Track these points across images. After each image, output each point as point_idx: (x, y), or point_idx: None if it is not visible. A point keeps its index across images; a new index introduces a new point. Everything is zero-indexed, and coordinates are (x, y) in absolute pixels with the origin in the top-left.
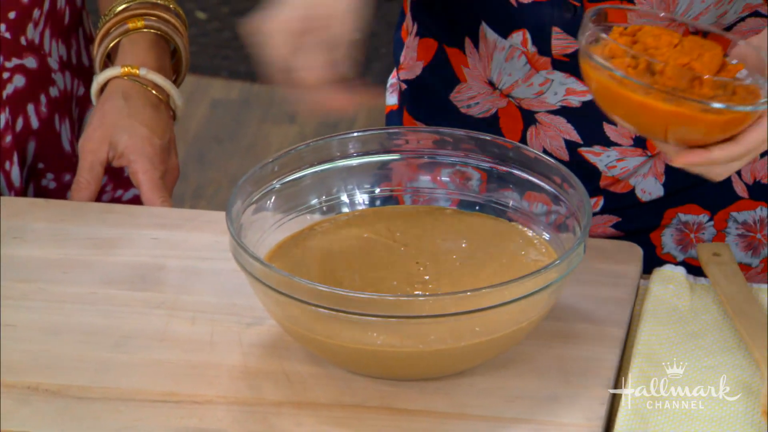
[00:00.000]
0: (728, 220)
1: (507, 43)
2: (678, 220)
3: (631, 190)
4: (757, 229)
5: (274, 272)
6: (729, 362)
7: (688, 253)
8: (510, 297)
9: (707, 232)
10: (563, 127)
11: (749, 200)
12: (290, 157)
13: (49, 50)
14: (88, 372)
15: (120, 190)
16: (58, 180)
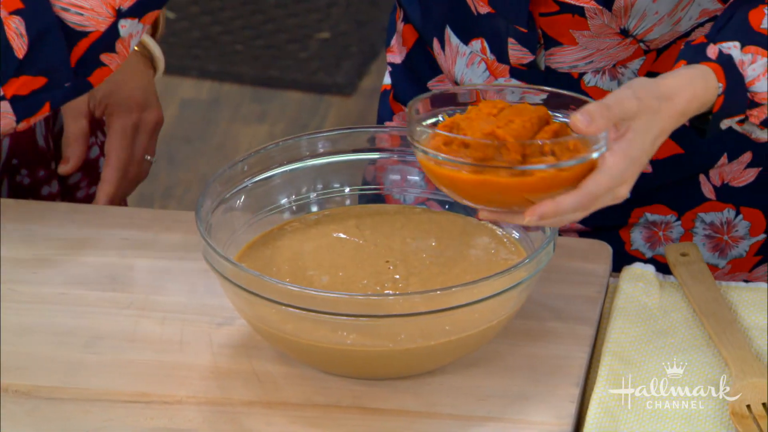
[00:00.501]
0: (695, 221)
1: (468, 50)
2: (646, 219)
3: None
4: (724, 230)
5: (244, 272)
6: (698, 360)
7: (656, 251)
8: (480, 296)
9: (675, 231)
10: None
11: (717, 202)
12: (260, 157)
13: None
14: (58, 373)
15: (94, 187)
16: (33, 176)
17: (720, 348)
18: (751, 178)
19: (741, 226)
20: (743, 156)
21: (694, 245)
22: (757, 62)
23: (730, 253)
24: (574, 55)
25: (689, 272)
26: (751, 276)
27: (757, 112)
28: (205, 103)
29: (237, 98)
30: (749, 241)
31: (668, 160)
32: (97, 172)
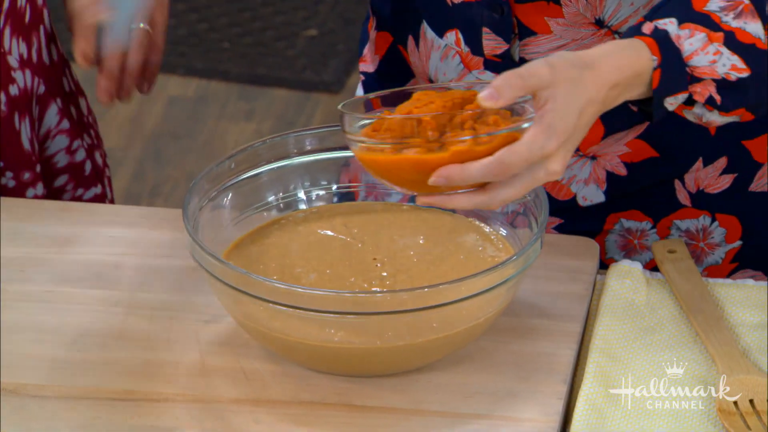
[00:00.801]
0: (671, 228)
1: (443, 43)
2: (621, 226)
3: (572, 197)
4: (699, 237)
5: (231, 269)
6: (685, 356)
7: (632, 259)
8: (467, 293)
9: (650, 239)
10: None
11: (692, 209)
12: (247, 154)
13: (9, 48)
14: (44, 370)
15: (81, 189)
16: (17, 178)
17: (707, 345)
18: (726, 185)
19: (717, 232)
20: (718, 161)
21: (681, 241)
22: (695, 37)
23: (706, 260)
24: (549, 45)
25: (676, 269)
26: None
27: (700, 89)
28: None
29: (224, 96)
30: (725, 248)
31: (643, 163)
32: (83, 175)
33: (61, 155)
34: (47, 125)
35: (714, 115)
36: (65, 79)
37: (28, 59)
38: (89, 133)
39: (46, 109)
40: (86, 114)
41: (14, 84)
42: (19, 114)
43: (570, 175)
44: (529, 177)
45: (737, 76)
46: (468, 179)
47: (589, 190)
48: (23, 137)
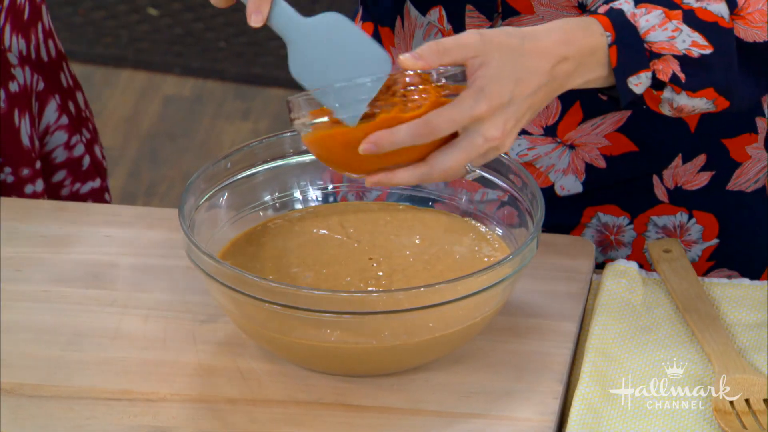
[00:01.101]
0: (648, 224)
1: (425, 21)
2: (598, 220)
3: (550, 185)
4: (677, 234)
5: (228, 269)
6: (682, 356)
7: (608, 255)
8: (464, 293)
9: (627, 235)
10: None
11: (669, 205)
12: (243, 154)
13: (9, 45)
14: (40, 370)
15: (78, 184)
16: (16, 174)
17: (703, 344)
18: (704, 182)
19: (694, 230)
20: (697, 159)
21: (677, 241)
22: (652, 14)
23: None
24: (532, 25)
25: (672, 269)
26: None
27: (662, 66)
28: (188, 101)
29: (220, 95)
30: (702, 246)
31: (622, 156)
32: (81, 170)
33: (59, 151)
34: (46, 121)
35: (683, 97)
36: (63, 74)
37: (27, 56)
38: (87, 127)
39: (45, 105)
40: (84, 108)
41: (14, 81)
42: (19, 111)
43: (549, 164)
44: (466, 142)
45: (699, 52)
46: (396, 141)
47: (567, 180)
48: (23, 134)
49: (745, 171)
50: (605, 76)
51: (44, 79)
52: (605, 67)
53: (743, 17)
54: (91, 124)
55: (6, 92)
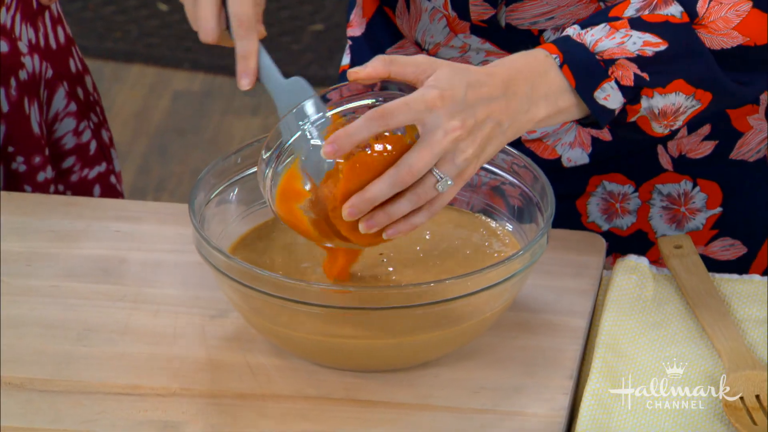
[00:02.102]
0: (653, 192)
1: (430, 5)
2: (603, 188)
3: (557, 158)
4: (681, 202)
5: (238, 264)
6: (692, 352)
7: (612, 223)
8: (473, 288)
9: (632, 203)
10: None
11: (674, 173)
12: (253, 149)
13: (20, 34)
14: (50, 365)
15: (86, 169)
16: (28, 163)
17: (713, 340)
18: (707, 151)
19: (698, 198)
20: (702, 129)
21: (688, 237)
22: (597, 28)
23: (687, 225)
24: (535, 11)
25: (683, 265)
26: (708, 250)
27: (621, 71)
28: (197, 96)
29: (229, 90)
30: (706, 214)
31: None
32: (89, 155)
33: (68, 137)
34: (55, 108)
35: (658, 99)
36: (72, 59)
37: (36, 44)
38: (95, 110)
39: (54, 93)
40: (92, 92)
41: (23, 69)
42: (29, 98)
43: (555, 138)
44: (427, 137)
45: (653, 50)
46: (353, 134)
47: (574, 153)
48: (33, 121)
49: (747, 141)
50: (574, 103)
51: (53, 66)
52: (567, 92)
53: (705, 26)
54: (99, 107)
55: (16, 80)
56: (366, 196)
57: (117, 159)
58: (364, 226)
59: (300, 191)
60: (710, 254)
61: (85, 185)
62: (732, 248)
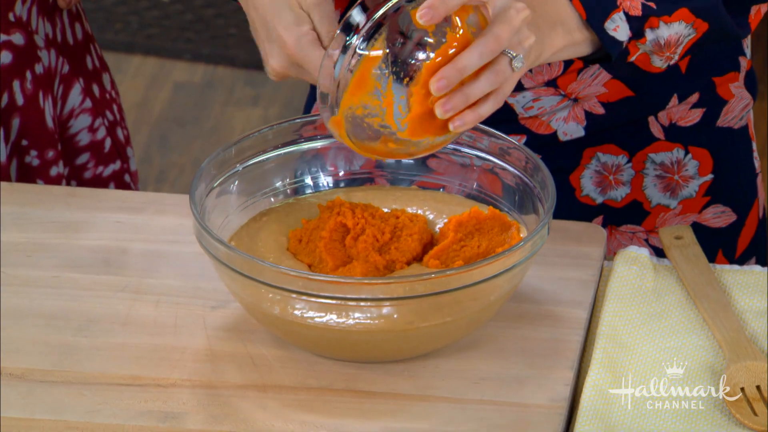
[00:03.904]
0: (646, 162)
1: None
2: (597, 160)
3: (553, 132)
4: (674, 170)
5: (239, 255)
6: (692, 343)
7: (607, 195)
8: (474, 279)
9: (626, 174)
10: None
11: (666, 141)
12: (254, 140)
13: (36, 27)
14: (51, 356)
15: (101, 167)
16: (42, 157)
17: (714, 331)
18: (696, 119)
19: (690, 165)
20: (691, 97)
21: (689, 228)
22: None
23: (680, 193)
24: None
25: (683, 256)
26: (701, 217)
27: (629, 2)
28: (198, 87)
29: (230, 81)
30: (698, 181)
31: (619, 102)
32: (103, 152)
33: (83, 134)
34: (71, 104)
35: (663, 29)
36: (89, 57)
37: (53, 39)
38: (111, 109)
39: (70, 89)
40: (109, 89)
41: (39, 63)
42: (44, 93)
43: (551, 114)
44: (501, 13)
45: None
46: (449, 2)
47: (569, 127)
48: (47, 116)
49: (732, 108)
50: (587, 38)
51: (69, 62)
52: (580, 25)
53: None
54: (116, 105)
55: (32, 74)
56: (457, 66)
57: (133, 158)
58: (441, 109)
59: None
60: (703, 222)
61: (99, 183)
62: (723, 215)
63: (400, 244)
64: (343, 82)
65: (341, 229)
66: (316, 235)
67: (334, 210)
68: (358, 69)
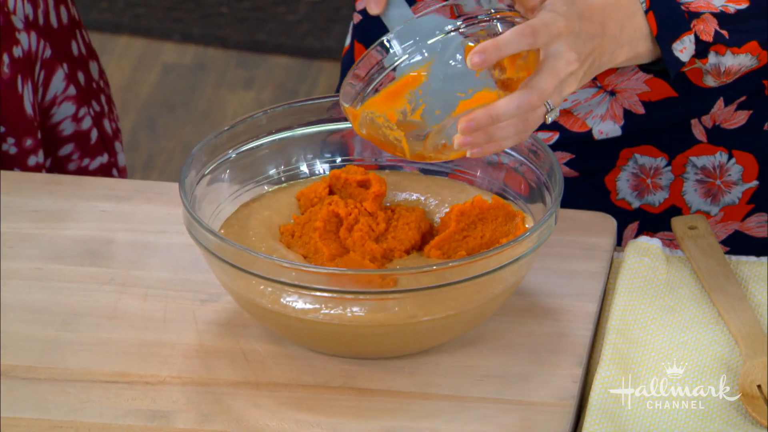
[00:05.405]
0: (686, 165)
1: None
2: (634, 162)
3: (588, 130)
4: (716, 175)
5: (231, 246)
6: (707, 338)
7: (644, 200)
8: (478, 271)
9: (665, 178)
10: None
11: (708, 145)
12: (247, 125)
13: (14, 8)
14: (34, 351)
15: (87, 159)
16: (19, 145)
17: (729, 326)
18: (742, 121)
19: (734, 170)
20: (738, 100)
21: (703, 218)
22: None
23: (722, 199)
24: None
25: (698, 246)
26: (744, 226)
27: (703, 26)
28: (188, 69)
29: (222, 63)
30: (742, 187)
31: (661, 102)
32: (89, 144)
33: (67, 123)
34: (53, 91)
35: (728, 57)
36: (75, 42)
37: (33, 21)
38: (98, 99)
39: (52, 74)
40: (96, 79)
41: (18, 46)
42: (22, 77)
43: (587, 110)
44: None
45: (736, 8)
46: (504, 48)
47: (605, 125)
48: (26, 102)
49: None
50: (649, 50)
51: (52, 46)
52: (647, 38)
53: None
54: (104, 96)
55: (10, 57)
56: (491, 113)
57: (122, 153)
58: (459, 142)
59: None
60: (746, 231)
61: (84, 176)
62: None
63: (398, 233)
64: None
65: (335, 220)
66: (309, 227)
67: (325, 201)
68: (395, 82)
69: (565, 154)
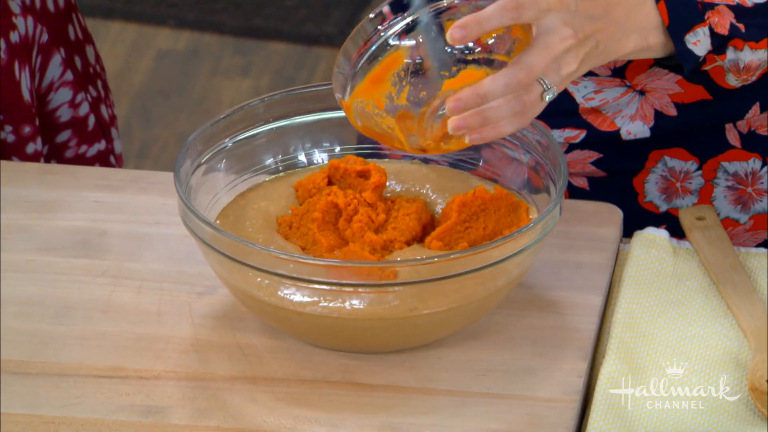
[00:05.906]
0: (718, 170)
1: None
2: (664, 164)
3: (616, 130)
4: (748, 182)
5: (227, 237)
6: (715, 332)
7: (672, 203)
8: (480, 263)
9: (694, 182)
10: None
11: (742, 150)
12: (243, 114)
13: None
14: (25, 345)
15: (84, 146)
16: (17, 132)
17: (738, 319)
18: None
19: (766, 178)
20: None
21: (711, 208)
22: None
23: (753, 207)
24: None
25: (705, 237)
26: None
27: (718, 18)
28: (183, 55)
29: (218, 50)
30: None
31: (694, 105)
32: (87, 130)
33: (64, 109)
34: (50, 76)
35: (746, 52)
36: (71, 26)
37: (30, 5)
38: (95, 84)
39: (49, 59)
40: (93, 63)
41: (15, 30)
42: (20, 63)
43: (616, 109)
44: (543, 39)
45: (753, 1)
46: (485, 23)
47: (635, 126)
48: (23, 88)
49: None
50: (662, 42)
51: (49, 30)
52: (658, 29)
53: None
54: (101, 81)
55: (6, 43)
56: (478, 91)
57: (118, 140)
58: (453, 125)
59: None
60: None
61: (82, 163)
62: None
63: (398, 224)
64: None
65: (333, 210)
66: (307, 218)
67: (323, 191)
68: (376, 66)
69: (593, 153)
